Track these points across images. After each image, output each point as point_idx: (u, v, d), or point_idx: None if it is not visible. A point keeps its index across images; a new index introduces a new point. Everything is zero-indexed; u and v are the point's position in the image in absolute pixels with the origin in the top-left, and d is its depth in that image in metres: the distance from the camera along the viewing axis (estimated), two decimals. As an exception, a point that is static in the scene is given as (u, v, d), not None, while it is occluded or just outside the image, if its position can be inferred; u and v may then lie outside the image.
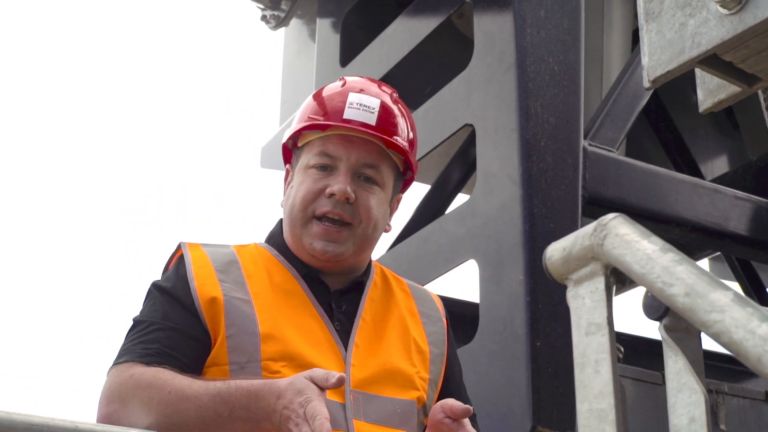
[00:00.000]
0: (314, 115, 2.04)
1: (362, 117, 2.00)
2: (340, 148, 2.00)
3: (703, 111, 1.58)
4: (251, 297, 1.94)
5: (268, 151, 4.65)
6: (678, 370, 1.35)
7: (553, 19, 3.16)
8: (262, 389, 1.75)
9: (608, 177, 3.14)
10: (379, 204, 2.02)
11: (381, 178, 2.03)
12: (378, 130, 2.01)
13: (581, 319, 1.28)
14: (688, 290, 1.13)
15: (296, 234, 2.02)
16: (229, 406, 1.76)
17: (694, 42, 1.41)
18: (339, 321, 1.98)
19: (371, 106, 2.02)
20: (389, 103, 2.06)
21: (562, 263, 1.31)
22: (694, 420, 1.32)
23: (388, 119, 2.03)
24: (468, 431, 1.86)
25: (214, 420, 1.76)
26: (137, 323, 1.95)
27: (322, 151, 2.01)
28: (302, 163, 2.04)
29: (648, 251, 1.18)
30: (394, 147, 2.03)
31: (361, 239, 2.01)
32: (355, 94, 2.04)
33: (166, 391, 1.79)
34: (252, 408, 1.74)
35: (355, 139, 2.00)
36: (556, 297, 2.89)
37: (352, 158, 1.99)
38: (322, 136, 2.02)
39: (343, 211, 1.97)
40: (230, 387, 1.78)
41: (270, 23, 4.59)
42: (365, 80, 2.14)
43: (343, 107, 2.01)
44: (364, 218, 1.99)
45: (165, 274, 2.03)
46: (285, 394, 1.71)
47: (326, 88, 2.11)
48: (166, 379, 1.81)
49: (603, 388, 1.25)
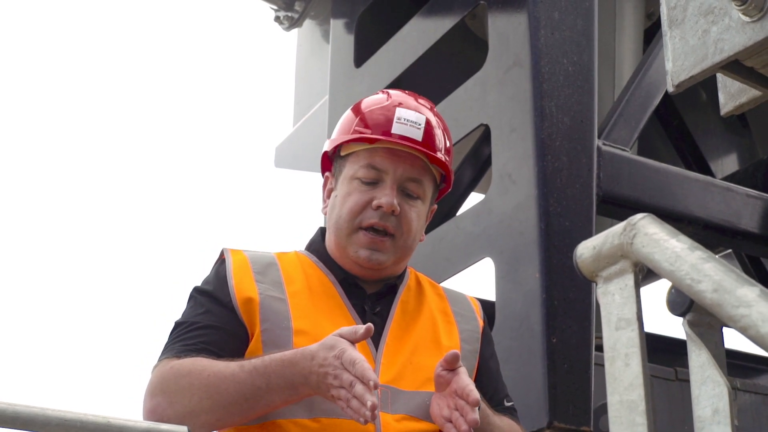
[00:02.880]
0: (360, 128, 2.11)
1: (409, 132, 2.07)
2: (386, 162, 2.07)
3: (724, 114, 1.62)
4: (287, 296, 2.01)
5: (282, 150, 4.69)
6: (702, 364, 1.39)
7: (567, 21, 3.20)
8: (294, 356, 1.83)
9: (622, 176, 3.18)
10: (419, 216, 2.10)
11: (423, 191, 2.10)
12: (423, 145, 2.08)
13: (611, 315, 1.33)
14: (716, 286, 1.18)
15: (341, 243, 2.09)
16: (266, 378, 1.83)
17: (717, 48, 1.46)
18: (372, 322, 2.04)
19: (418, 122, 2.09)
20: (432, 119, 2.13)
21: (593, 261, 1.37)
22: (717, 411, 1.37)
23: (432, 134, 2.11)
24: (462, 378, 1.90)
25: (253, 394, 1.84)
26: (177, 325, 2.02)
27: (370, 164, 2.07)
28: (347, 174, 2.11)
29: (676, 249, 1.23)
30: (437, 162, 2.11)
31: (402, 250, 2.09)
32: (402, 109, 2.10)
33: (205, 375, 1.86)
34: (288, 375, 1.82)
35: (401, 153, 2.07)
36: (571, 294, 2.93)
37: (398, 172, 2.06)
38: (369, 149, 2.09)
39: (388, 222, 2.05)
40: (264, 360, 1.86)
41: (284, 24, 4.63)
42: (407, 94, 2.21)
43: (390, 122, 2.08)
44: (405, 230, 2.07)
45: (207, 276, 2.11)
46: (318, 354, 1.79)
47: (369, 101, 2.18)
48: (204, 365, 1.88)
49: (633, 381, 1.30)
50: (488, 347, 2.21)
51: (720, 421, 1.37)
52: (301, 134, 4.54)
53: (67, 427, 1.45)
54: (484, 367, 2.17)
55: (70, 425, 1.44)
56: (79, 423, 1.45)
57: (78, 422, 1.45)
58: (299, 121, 4.66)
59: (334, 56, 4.16)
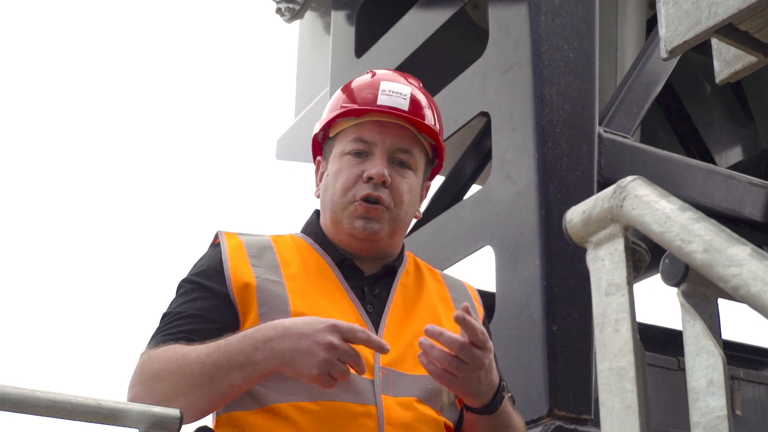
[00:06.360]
0: (346, 104, 2.11)
1: (395, 103, 2.08)
2: (375, 134, 2.07)
3: (719, 82, 1.60)
4: (284, 280, 1.99)
5: (284, 142, 4.68)
6: (696, 334, 1.37)
7: (567, 7, 3.18)
8: (259, 328, 1.82)
9: (623, 163, 3.15)
10: (411, 188, 2.10)
11: (414, 162, 2.10)
12: (410, 114, 2.08)
13: (601, 281, 1.31)
14: (707, 246, 1.15)
15: (337, 218, 2.08)
16: (227, 354, 1.81)
17: (710, 12, 1.44)
18: (371, 304, 2.03)
19: (403, 92, 2.10)
20: (418, 93, 2.14)
21: (582, 226, 1.34)
22: (712, 382, 1.34)
23: (418, 105, 2.11)
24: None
25: (216, 372, 1.81)
26: (163, 316, 2.01)
27: (358, 137, 2.08)
28: (337, 151, 2.11)
29: (666, 210, 1.21)
30: (426, 130, 2.10)
31: (395, 221, 2.07)
32: (386, 82, 2.12)
33: (174, 359, 1.85)
34: (248, 350, 1.79)
35: (389, 124, 2.08)
36: (572, 281, 2.90)
37: (387, 143, 2.07)
38: (357, 123, 2.09)
39: (380, 193, 2.04)
40: (228, 338, 1.84)
41: (285, 16, 4.61)
42: (393, 72, 2.24)
43: (375, 95, 2.09)
44: (397, 201, 2.07)
45: (199, 260, 2.08)
46: (296, 327, 1.79)
47: (354, 81, 2.20)
48: (175, 351, 1.87)
49: (623, 347, 1.27)
50: None
51: (715, 392, 1.35)
52: (302, 126, 4.52)
53: (57, 408, 1.42)
54: None
55: (60, 407, 1.42)
56: (69, 405, 1.42)
57: (68, 404, 1.42)
58: (301, 113, 4.65)
59: (335, 47, 4.14)
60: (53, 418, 1.43)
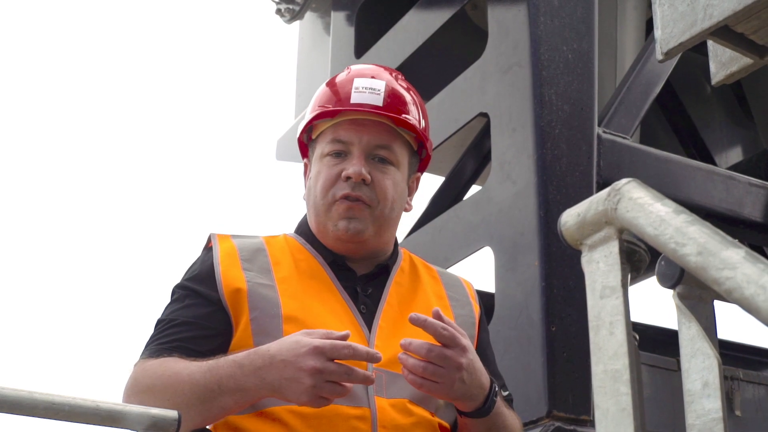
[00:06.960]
0: (323, 105, 2.09)
1: (369, 99, 2.05)
2: (351, 133, 2.04)
3: (715, 83, 1.60)
4: (275, 283, 1.97)
5: (284, 143, 4.68)
6: (692, 337, 1.37)
7: (566, 8, 3.18)
8: (248, 355, 1.80)
9: (622, 163, 3.15)
10: (395, 184, 2.06)
11: (395, 157, 2.07)
12: (385, 110, 2.05)
13: (596, 283, 1.31)
14: (701, 249, 1.15)
15: (321, 221, 2.06)
16: (218, 378, 1.80)
17: (706, 14, 1.44)
18: (364, 304, 2.01)
19: (377, 88, 2.06)
20: (394, 84, 2.10)
21: (577, 229, 1.34)
22: (707, 384, 1.34)
23: (395, 99, 2.07)
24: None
25: (207, 396, 1.80)
26: (157, 323, 2.00)
27: (334, 138, 2.05)
28: (317, 154, 2.08)
29: (661, 213, 1.21)
30: (403, 124, 2.07)
31: (380, 219, 2.05)
32: (360, 78, 2.08)
33: (166, 376, 1.84)
34: (238, 376, 1.78)
35: (365, 122, 2.05)
36: (571, 282, 2.91)
37: (364, 140, 2.04)
38: (333, 124, 2.06)
39: (361, 192, 2.01)
40: (219, 360, 1.83)
41: (285, 17, 4.62)
42: (371, 66, 2.19)
43: (349, 93, 2.06)
44: (381, 198, 2.03)
45: (192, 264, 2.08)
46: (281, 353, 1.76)
47: (335, 78, 2.16)
48: (168, 366, 1.86)
49: (618, 349, 1.27)
50: (484, 334, 2.18)
51: (710, 394, 1.34)
52: (302, 127, 4.52)
53: (56, 410, 1.41)
54: (481, 355, 2.11)
55: (59, 409, 1.41)
56: (67, 407, 1.41)
57: (66, 406, 1.41)
58: (301, 113, 4.65)
59: (334, 47, 4.15)
60: (51, 419, 1.42)
